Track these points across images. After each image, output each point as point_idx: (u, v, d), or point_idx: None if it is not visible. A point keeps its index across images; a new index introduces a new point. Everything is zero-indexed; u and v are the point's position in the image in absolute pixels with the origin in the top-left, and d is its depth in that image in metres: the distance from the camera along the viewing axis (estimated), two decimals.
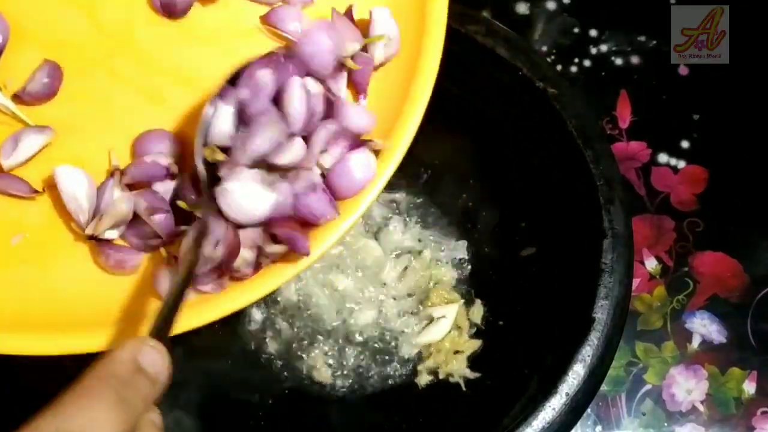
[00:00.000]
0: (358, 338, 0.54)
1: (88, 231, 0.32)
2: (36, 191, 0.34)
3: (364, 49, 0.35)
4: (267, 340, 0.53)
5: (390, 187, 0.57)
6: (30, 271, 0.33)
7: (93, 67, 0.36)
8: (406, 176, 0.57)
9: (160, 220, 0.32)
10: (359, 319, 0.54)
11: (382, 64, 0.35)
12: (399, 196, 0.57)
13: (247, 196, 0.30)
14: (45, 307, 0.33)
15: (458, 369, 0.51)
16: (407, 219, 0.57)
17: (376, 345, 0.54)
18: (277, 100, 0.32)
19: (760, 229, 0.60)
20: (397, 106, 0.34)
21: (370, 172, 0.32)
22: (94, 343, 0.31)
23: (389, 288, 0.55)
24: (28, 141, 0.34)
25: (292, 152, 0.31)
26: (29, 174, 0.34)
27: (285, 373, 0.52)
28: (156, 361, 0.25)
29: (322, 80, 0.34)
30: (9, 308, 0.32)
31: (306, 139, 0.32)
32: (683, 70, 0.65)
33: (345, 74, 0.35)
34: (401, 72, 0.35)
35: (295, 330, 0.54)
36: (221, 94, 0.31)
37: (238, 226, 0.31)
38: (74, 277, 0.33)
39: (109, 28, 0.36)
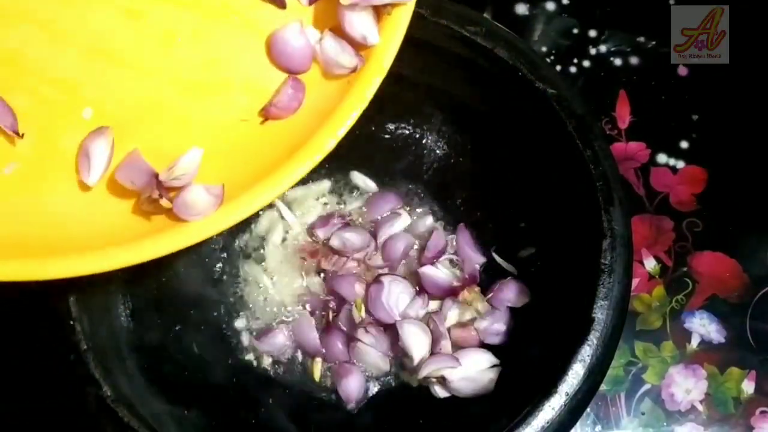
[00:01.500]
0: None
1: None
2: (17, 134, 0.33)
3: None
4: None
5: (389, 186, 0.57)
6: (25, 199, 0.33)
7: None
8: (405, 176, 0.57)
9: None
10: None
11: None
12: (398, 195, 0.57)
13: None
14: (43, 232, 0.32)
15: None
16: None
17: None
18: None
19: (760, 229, 0.61)
20: None
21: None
22: (93, 265, 0.31)
23: None
24: (96, 148, 0.34)
25: None
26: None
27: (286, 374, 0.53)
28: None
29: None
30: (6, 236, 0.32)
31: None
32: (682, 71, 0.65)
33: None
34: None
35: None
36: None
37: None
38: (70, 202, 0.33)
39: None
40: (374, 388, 0.52)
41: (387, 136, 0.56)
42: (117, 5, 0.35)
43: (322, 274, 0.55)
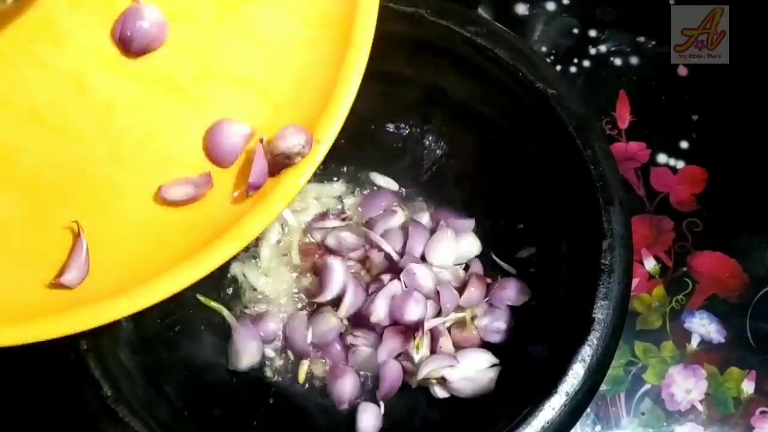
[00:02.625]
0: None
1: None
2: None
3: None
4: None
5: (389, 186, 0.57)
6: None
7: (13, 52, 0.35)
8: (405, 177, 0.57)
9: None
10: None
11: None
12: (393, 193, 0.57)
13: None
14: None
15: None
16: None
17: None
18: None
19: (760, 229, 0.61)
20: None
21: None
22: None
23: None
24: None
25: None
26: None
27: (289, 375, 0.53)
28: None
29: None
30: None
31: None
32: (682, 71, 0.65)
33: None
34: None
35: None
36: None
37: None
38: None
39: (28, 12, 0.35)
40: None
41: (386, 136, 0.56)
42: (66, 76, 0.35)
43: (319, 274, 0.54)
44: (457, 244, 0.53)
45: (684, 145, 0.63)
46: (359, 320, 0.51)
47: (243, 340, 0.51)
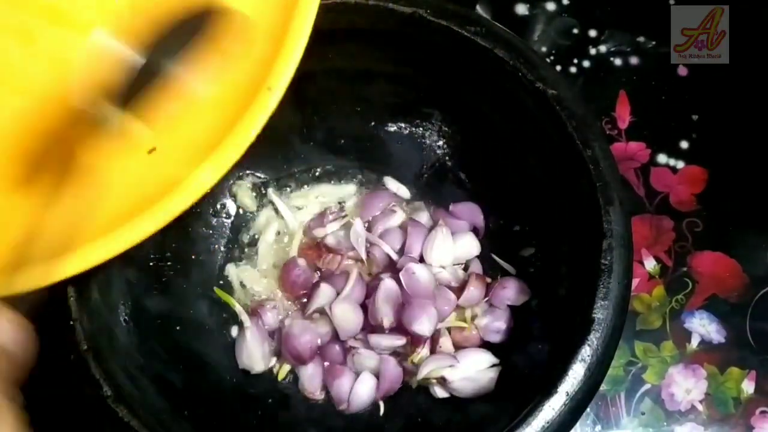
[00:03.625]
0: None
1: None
2: None
3: None
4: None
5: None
6: None
7: None
8: (404, 176, 0.57)
9: None
10: None
11: None
12: (393, 193, 0.57)
13: None
14: None
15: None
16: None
17: None
18: None
19: (759, 229, 0.61)
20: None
21: None
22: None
23: None
24: None
25: None
26: None
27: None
28: (14, 336, 0.23)
29: None
30: None
31: None
32: (682, 71, 0.65)
33: None
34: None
35: None
36: None
37: None
38: None
39: None
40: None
41: (387, 136, 0.56)
42: (8, 29, 0.35)
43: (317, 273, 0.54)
44: (455, 244, 0.53)
45: (684, 145, 0.63)
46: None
47: (255, 340, 0.51)
